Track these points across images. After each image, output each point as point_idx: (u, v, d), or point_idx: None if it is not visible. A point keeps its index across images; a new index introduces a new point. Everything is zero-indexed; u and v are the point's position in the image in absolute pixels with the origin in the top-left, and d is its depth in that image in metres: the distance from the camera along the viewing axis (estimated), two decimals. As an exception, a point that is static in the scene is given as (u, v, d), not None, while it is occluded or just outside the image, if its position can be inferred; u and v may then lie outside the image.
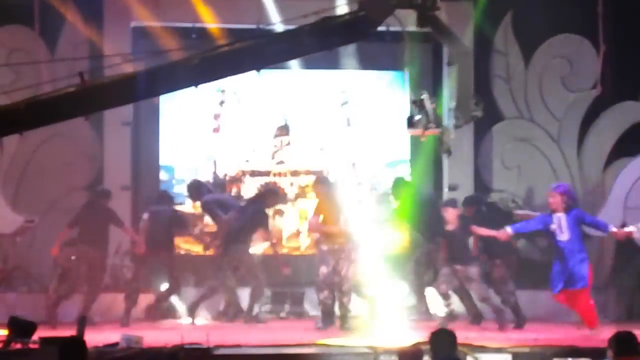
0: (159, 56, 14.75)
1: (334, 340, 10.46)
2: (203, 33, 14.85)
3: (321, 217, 12.18)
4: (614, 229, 11.81)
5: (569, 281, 11.51)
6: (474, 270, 12.08)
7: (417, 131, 9.36)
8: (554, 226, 11.66)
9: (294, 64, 14.07)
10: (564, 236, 11.63)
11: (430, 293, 12.81)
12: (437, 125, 9.32)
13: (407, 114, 9.44)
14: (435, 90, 15.36)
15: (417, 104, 9.31)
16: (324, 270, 12.11)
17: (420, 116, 9.26)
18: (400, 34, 14.77)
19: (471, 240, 12.51)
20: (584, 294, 11.55)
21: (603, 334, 9.81)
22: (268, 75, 15.21)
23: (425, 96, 9.27)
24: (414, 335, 10.12)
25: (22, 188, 14.83)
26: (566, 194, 11.78)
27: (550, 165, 15.38)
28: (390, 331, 11.11)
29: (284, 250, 15.21)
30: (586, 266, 11.56)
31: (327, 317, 12.16)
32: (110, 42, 14.79)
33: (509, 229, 11.87)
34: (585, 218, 11.83)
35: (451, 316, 11.92)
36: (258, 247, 14.10)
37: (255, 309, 13.12)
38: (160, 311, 13.47)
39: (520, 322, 12.18)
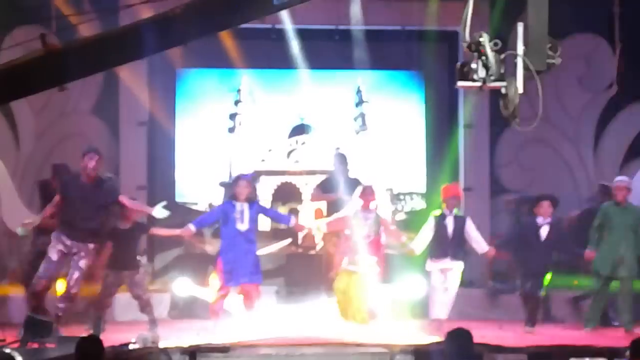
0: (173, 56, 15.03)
1: (351, 338, 10.44)
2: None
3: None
4: (294, 223, 11.86)
5: (244, 273, 11.44)
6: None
7: (473, 84, 7.39)
8: (236, 215, 11.56)
9: (310, 64, 14.09)
10: (243, 226, 11.55)
11: None
12: (499, 77, 7.45)
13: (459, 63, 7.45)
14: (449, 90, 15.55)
15: (473, 47, 7.33)
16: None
17: (477, 65, 7.29)
18: (415, 33, 14.86)
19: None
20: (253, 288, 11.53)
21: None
22: (283, 75, 15.31)
23: (485, 37, 7.35)
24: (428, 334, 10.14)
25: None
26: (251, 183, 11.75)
27: (566, 165, 15.34)
28: (405, 329, 11.11)
29: (299, 250, 15.21)
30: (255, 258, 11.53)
31: None
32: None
33: (190, 226, 11.58)
34: (266, 211, 11.75)
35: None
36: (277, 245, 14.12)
37: None
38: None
39: None
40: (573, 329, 11.91)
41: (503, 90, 7.53)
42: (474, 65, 7.23)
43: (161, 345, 9.41)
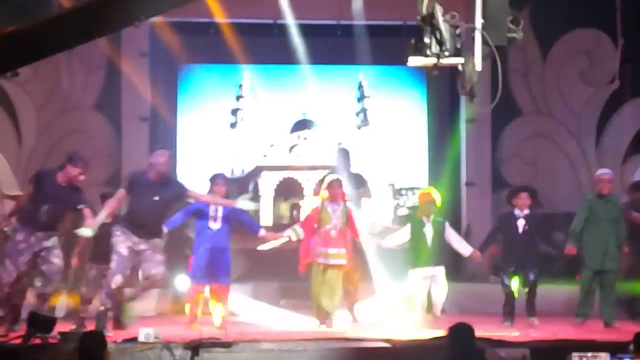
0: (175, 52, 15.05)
1: (353, 333, 10.45)
2: (218, 28, 14.87)
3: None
4: (264, 233, 11.61)
5: (213, 274, 11.30)
6: None
7: (426, 61, 6.70)
8: (211, 213, 11.43)
9: (312, 59, 14.11)
10: (215, 225, 11.45)
11: None
12: (455, 53, 6.69)
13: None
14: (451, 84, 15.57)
15: (427, 20, 6.64)
16: None
17: (430, 39, 6.58)
18: (416, 28, 14.82)
19: None
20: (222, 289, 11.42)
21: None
22: (285, 71, 15.32)
23: (438, 9, 6.65)
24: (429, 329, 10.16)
25: (41, 184, 14.90)
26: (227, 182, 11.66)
27: (568, 160, 15.35)
28: (405, 324, 11.11)
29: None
30: (226, 258, 11.41)
31: None
32: (128, 37, 14.84)
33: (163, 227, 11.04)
34: (239, 214, 11.50)
35: None
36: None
37: None
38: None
39: None
40: (574, 324, 11.89)
41: (460, 68, 6.77)
42: (427, 40, 6.57)
43: (164, 340, 9.41)
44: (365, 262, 12.07)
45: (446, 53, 6.54)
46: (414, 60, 6.64)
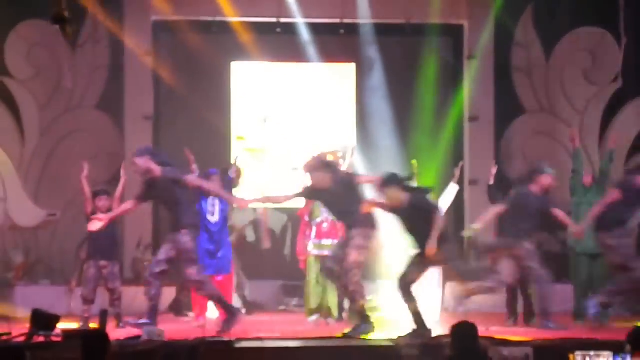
0: (179, 50, 15.06)
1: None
2: (224, 26, 14.89)
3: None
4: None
5: (217, 266, 11.56)
6: None
7: None
8: (209, 208, 11.63)
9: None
10: (214, 218, 11.64)
11: None
12: None
13: None
14: (454, 87, 15.58)
15: None
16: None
17: None
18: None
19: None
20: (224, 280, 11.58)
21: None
22: (287, 68, 15.36)
23: None
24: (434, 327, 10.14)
25: (44, 182, 14.92)
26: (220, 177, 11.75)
27: (571, 158, 15.31)
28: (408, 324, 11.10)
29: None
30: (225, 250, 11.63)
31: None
32: (131, 36, 14.86)
33: None
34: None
35: None
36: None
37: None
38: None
39: None
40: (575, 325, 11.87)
41: None
42: None
43: (166, 338, 9.42)
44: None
45: None
46: None
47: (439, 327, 10.57)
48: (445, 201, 12.03)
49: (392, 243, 11.67)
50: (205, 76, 15.10)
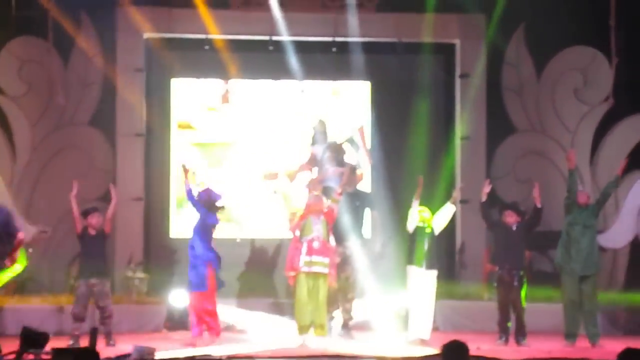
0: (171, 68, 15.09)
1: (347, 350, 10.43)
2: (215, 45, 14.91)
3: None
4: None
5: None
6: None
7: None
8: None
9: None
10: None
11: None
12: None
13: None
14: (446, 102, 15.62)
15: None
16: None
17: None
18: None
19: None
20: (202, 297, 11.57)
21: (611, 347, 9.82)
22: (279, 85, 15.37)
23: None
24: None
25: (35, 199, 14.90)
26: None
27: (563, 178, 15.33)
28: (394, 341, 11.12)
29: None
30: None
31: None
32: (123, 53, 14.87)
33: None
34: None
35: None
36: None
37: None
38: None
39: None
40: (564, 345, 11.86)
41: None
42: None
43: (157, 356, 9.40)
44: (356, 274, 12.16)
45: None
46: None
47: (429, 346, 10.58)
48: (440, 221, 12.05)
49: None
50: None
